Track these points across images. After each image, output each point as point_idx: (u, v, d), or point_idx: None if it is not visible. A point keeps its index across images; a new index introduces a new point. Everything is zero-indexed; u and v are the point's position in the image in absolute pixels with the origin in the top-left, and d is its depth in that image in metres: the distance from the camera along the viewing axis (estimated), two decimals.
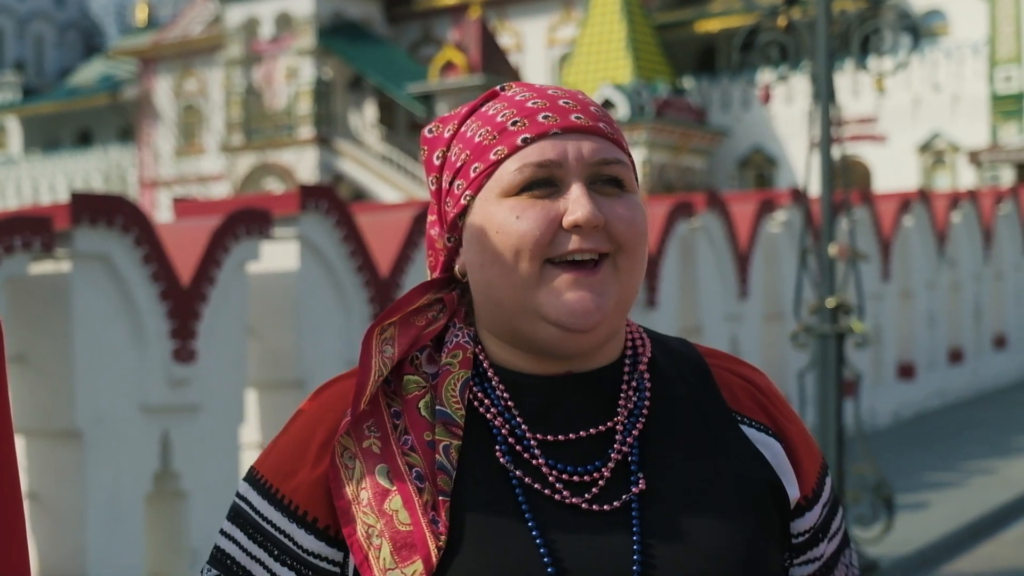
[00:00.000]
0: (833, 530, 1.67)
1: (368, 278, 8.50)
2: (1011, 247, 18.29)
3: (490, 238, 1.55)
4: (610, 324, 1.54)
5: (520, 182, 1.54)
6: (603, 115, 1.60)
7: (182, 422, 7.36)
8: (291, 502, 1.57)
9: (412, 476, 1.52)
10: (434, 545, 1.49)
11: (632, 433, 1.56)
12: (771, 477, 1.59)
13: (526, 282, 1.53)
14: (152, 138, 49.40)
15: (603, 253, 1.53)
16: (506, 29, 42.99)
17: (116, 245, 7.02)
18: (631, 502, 1.53)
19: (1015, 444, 12.99)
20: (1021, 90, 35.05)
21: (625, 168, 1.56)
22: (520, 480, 1.53)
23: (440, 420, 1.54)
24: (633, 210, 1.55)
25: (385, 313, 1.61)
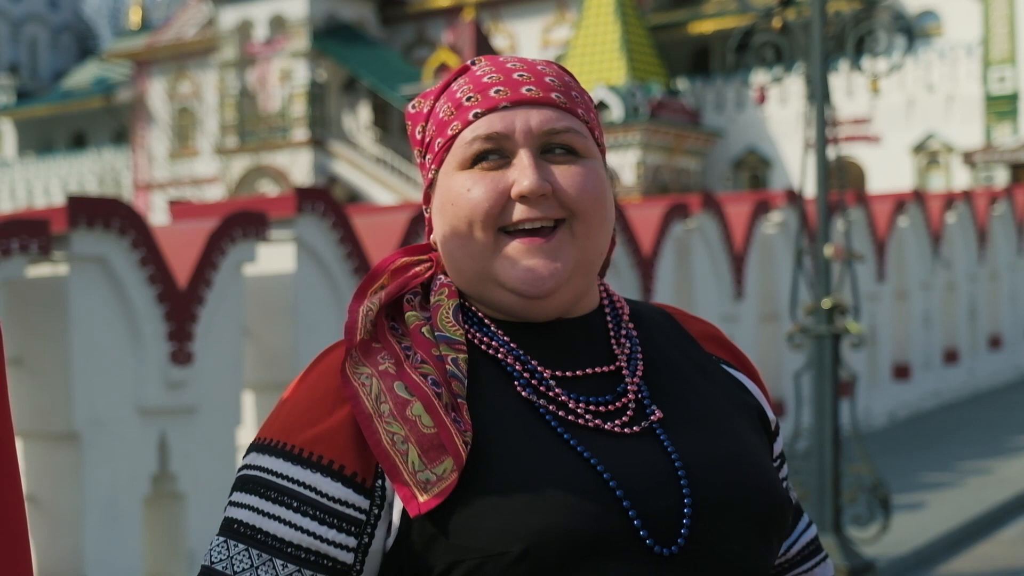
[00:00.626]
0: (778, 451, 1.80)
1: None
2: (1006, 247, 18.31)
3: (448, 210, 1.62)
4: (573, 287, 1.62)
5: (471, 155, 1.61)
6: (560, 85, 1.66)
7: (179, 424, 7.37)
8: (311, 453, 1.55)
9: (428, 383, 1.56)
10: (460, 441, 1.52)
11: (636, 372, 1.64)
12: (758, 404, 1.74)
13: (482, 252, 1.60)
14: (146, 140, 49.36)
15: (559, 219, 1.59)
16: (500, 31, 42.99)
17: (113, 248, 7.03)
18: (653, 428, 1.60)
19: (1011, 444, 13.01)
20: (1015, 91, 35.08)
21: (578, 136, 1.62)
22: (546, 408, 1.58)
23: (441, 340, 1.60)
24: (585, 175, 1.61)
25: (372, 273, 1.67)
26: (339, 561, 1.54)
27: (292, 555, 1.53)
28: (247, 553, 1.54)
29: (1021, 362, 18.42)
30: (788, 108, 35.83)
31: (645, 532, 1.51)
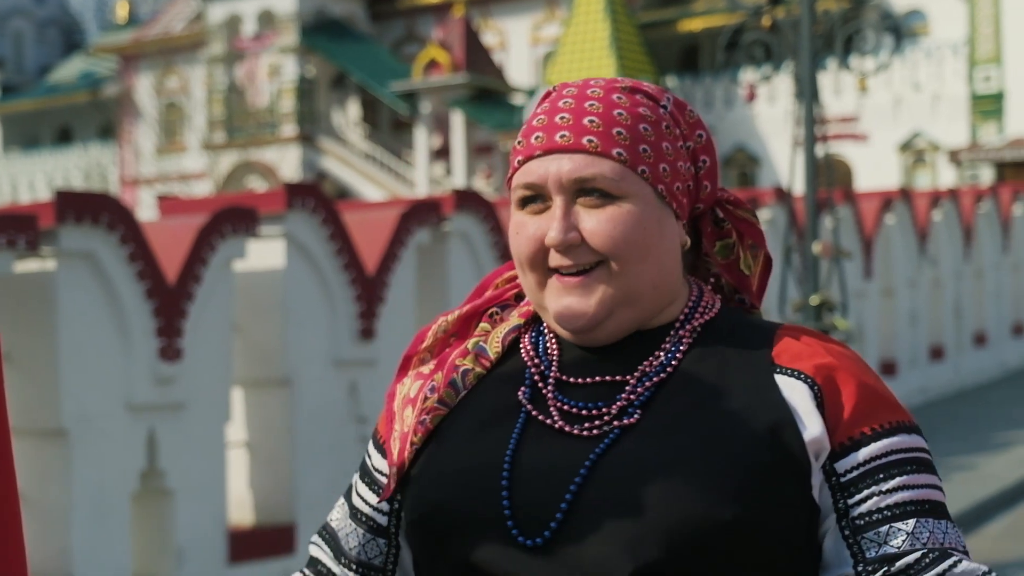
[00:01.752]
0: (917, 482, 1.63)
1: (354, 276, 8.51)
2: (991, 245, 18.36)
3: (511, 247, 1.75)
4: (618, 320, 1.70)
5: (517, 200, 1.73)
6: (599, 125, 1.69)
7: (168, 420, 7.37)
8: (377, 432, 1.84)
9: (427, 388, 1.76)
10: (408, 441, 1.73)
11: (646, 383, 1.68)
12: (779, 418, 1.63)
13: (534, 287, 1.72)
14: (133, 136, 49.26)
15: (595, 263, 1.67)
16: (490, 27, 42.98)
17: (101, 243, 7.02)
18: (610, 432, 1.65)
19: (995, 440, 13.05)
20: (1000, 90, 35.16)
21: (609, 180, 1.66)
22: (528, 411, 1.70)
23: (475, 352, 1.78)
24: (614, 220, 1.66)
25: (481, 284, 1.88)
26: (378, 523, 1.80)
27: (355, 515, 1.82)
28: (343, 507, 1.86)
29: (1006, 359, 18.48)
30: (776, 106, 35.87)
31: (512, 522, 1.61)
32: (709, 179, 1.76)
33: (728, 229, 1.81)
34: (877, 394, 1.67)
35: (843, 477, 1.63)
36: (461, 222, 9.46)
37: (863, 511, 1.63)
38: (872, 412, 1.65)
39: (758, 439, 1.62)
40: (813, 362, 1.66)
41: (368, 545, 1.80)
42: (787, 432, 1.62)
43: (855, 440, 1.63)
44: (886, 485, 1.62)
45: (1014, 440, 13.06)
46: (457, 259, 9.46)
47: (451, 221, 9.39)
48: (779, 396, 1.65)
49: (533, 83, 40.52)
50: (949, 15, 36.29)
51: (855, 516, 1.63)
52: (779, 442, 1.62)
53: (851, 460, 1.63)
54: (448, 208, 9.40)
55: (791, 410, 1.64)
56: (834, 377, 1.66)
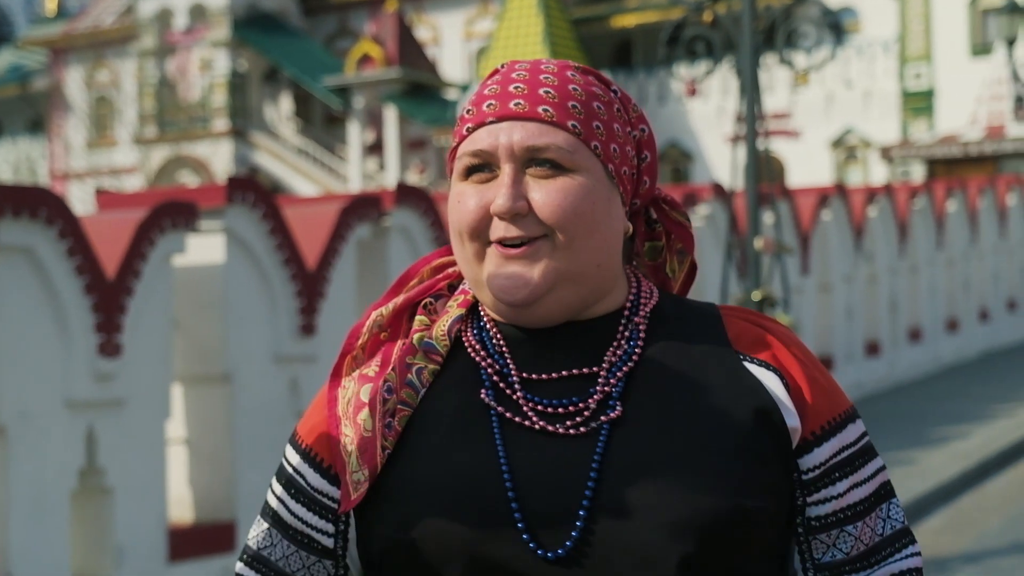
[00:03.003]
0: (863, 476, 1.68)
1: (295, 271, 8.44)
2: (925, 241, 18.50)
3: (449, 217, 1.69)
4: (559, 298, 1.64)
5: (462, 169, 1.67)
6: (555, 96, 1.65)
7: (107, 417, 7.27)
8: (308, 446, 1.72)
9: (383, 389, 1.66)
10: (379, 445, 1.63)
11: (617, 374, 1.64)
12: (763, 405, 1.64)
13: (472, 259, 1.65)
14: (63, 130, 48.80)
15: (539, 235, 1.62)
16: (423, 22, 42.90)
17: (40, 238, 6.92)
18: (600, 428, 1.60)
19: (931, 436, 13.15)
20: (931, 87, 35.52)
21: (562, 151, 1.62)
22: (498, 413, 1.62)
23: (423, 349, 1.69)
24: (564, 191, 1.62)
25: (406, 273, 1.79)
26: (323, 545, 1.70)
27: (292, 536, 1.71)
28: (269, 532, 1.74)
29: (940, 354, 18.63)
30: (709, 102, 36.05)
31: (528, 535, 1.54)
32: (649, 175, 1.75)
33: (659, 231, 1.80)
34: (825, 384, 1.69)
35: (805, 475, 1.65)
36: (401, 217, 9.41)
37: (819, 513, 1.66)
38: (825, 405, 1.67)
39: (750, 424, 1.62)
40: (769, 352, 1.68)
41: (314, 568, 1.70)
42: (775, 417, 1.64)
43: (816, 436, 1.65)
44: (839, 487, 1.66)
45: (951, 435, 13.17)
46: (397, 254, 9.41)
47: (391, 216, 9.34)
48: (756, 382, 1.65)
49: (466, 78, 40.49)
50: (880, 12, 36.61)
51: (811, 517, 1.66)
52: (771, 425, 1.63)
53: (813, 459, 1.66)
54: (388, 203, 9.35)
55: (772, 396, 1.64)
56: (791, 368, 1.68)
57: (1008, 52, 30.40)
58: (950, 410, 14.87)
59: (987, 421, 13.97)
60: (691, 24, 9.09)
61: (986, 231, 20.44)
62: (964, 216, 19.63)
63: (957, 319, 19.33)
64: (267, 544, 1.73)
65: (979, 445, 12.60)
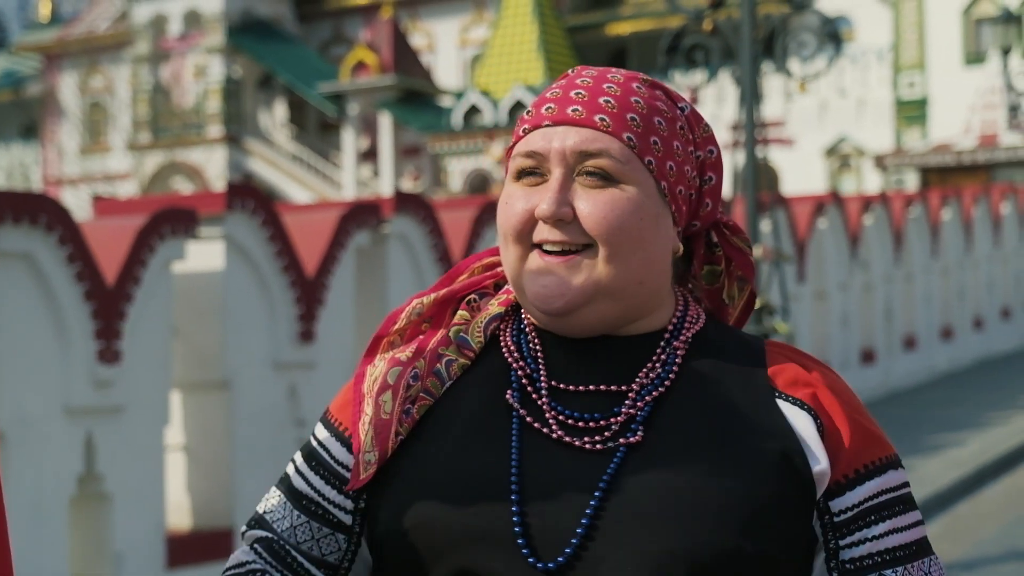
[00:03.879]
0: (903, 523, 1.63)
1: (294, 278, 8.44)
2: (920, 250, 18.53)
3: (498, 218, 1.68)
4: (597, 310, 1.62)
5: (515, 170, 1.66)
6: (615, 106, 1.64)
7: (106, 424, 7.27)
8: (335, 420, 1.73)
9: (409, 375, 1.67)
10: (393, 431, 1.63)
11: (645, 397, 1.61)
12: (789, 446, 1.60)
13: (515, 261, 1.64)
14: (56, 135, 48.72)
15: (583, 244, 1.60)
16: (418, 29, 42.90)
17: (40, 244, 6.91)
18: (617, 449, 1.58)
19: (927, 443, 13.16)
20: (924, 96, 35.55)
21: (613, 161, 1.60)
22: (520, 416, 1.62)
23: (457, 343, 1.69)
24: (611, 204, 1.60)
25: (458, 266, 1.79)
26: (339, 519, 1.69)
27: (305, 508, 1.70)
28: (281, 501, 1.72)
29: (935, 363, 18.65)
30: (703, 111, 36.02)
31: (523, 541, 1.53)
32: (712, 197, 1.72)
33: (719, 255, 1.77)
34: (867, 428, 1.65)
35: (836, 517, 1.61)
36: (400, 224, 9.41)
37: (853, 556, 1.61)
38: (864, 449, 1.63)
39: (771, 467, 1.58)
40: (809, 391, 1.64)
41: (324, 541, 1.69)
42: (797, 462, 1.60)
43: (849, 479, 1.61)
44: (876, 529, 1.61)
45: (946, 443, 13.18)
46: (396, 262, 9.41)
47: (390, 223, 9.34)
48: (786, 423, 1.62)
49: (461, 85, 40.48)
50: (874, 21, 36.65)
51: (845, 560, 1.61)
52: (792, 471, 1.59)
53: (845, 500, 1.61)
54: (387, 210, 9.35)
55: (798, 439, 1.61)
56: (831, 409, 1.64)
57: (1002, 61, 30.46)
58: (945, 418, 14.89)
59: (982, 429, 13.99)
60: (691, 32, 9.11)
61: (980, 240, 20.48)
62: (959, 225, 19.67)
63: (952, 327, 19.36)
64: (278, 514, 1.72)
65: (975, 453, 12.62)
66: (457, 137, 36.43)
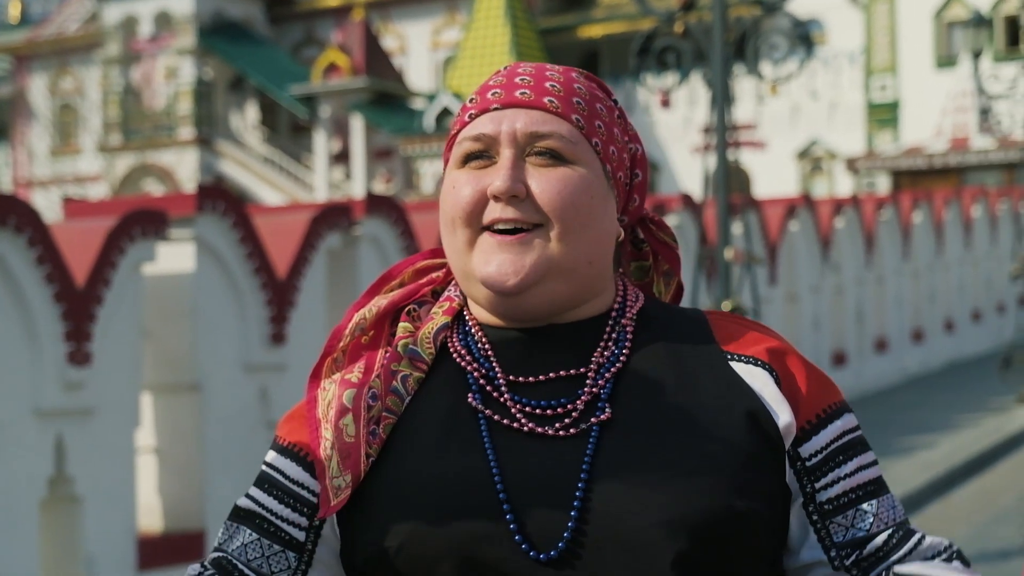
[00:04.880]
0: (867, 461, 1.67)
1: (265, 280, 8.42)
2: (891, 252, 18.59)
3: (441, 206, 1.68)
4: (548, 291, 1.63)
5: (461, 155, 1.66)
6: (561, 91, 1.67)
7: (77, 426, 7.24)
8: (287, 442, 1.71)
9: (367, 396, 1.65)
10: (363, 452, 1.62)
11: (605, 375, 1.63)
12: (752, 405, 1.62)
13: (463, 247, 1.64)
14: (26, 137, 48.52)
15: (534, 224, 1.61)
16: (390, 31, 42.87)
17: (9, 246, 6.88)
18: (591, 429, 1.59)
19: (897, 445, 13.20)
20: (896, 99, 35.70)
21: (564, 141, 1.63)
22: (487, 416, 1.62)
23: (408, 356, 1.68)
24: (564, 181, 1.62)
25: (387, 272, 1.76)
26: (291, 536, 1.67)
27: (257, 526, 1.69)
28: (228, 526, 1.72)
29: (906, 365, 18.72)
30: (675, 113, 36.12)
31: (520, 536, 1.54)
32: (640, 194, 1.75)
33: (646, 251, 1.80)
34: (819, 375, 1.68)
35: (808, 462, 1.64)
36: (372, 226, 9.40)
37: (830, 496, 1.64)
38: (821, 394, 1.67)
39: (741, 428, 1.61)
40: (761, 347, 1.67)
41: (274, 558, 1.68)
42: (763, 419, 1.62)
43: (813, 424, 1.64)
44: (846, 468, 1.64)
45: (917, 445, 13.23)
46: (368, 263, 9.39)
47: (362, 225, 9.33)
48: (744, 384, 1.64)
49: (433, 87, 40.46)
50: (846, 25, 36.78)
51: (823, 501, 1.64)
52: (759, 429, 1.62)
53: (814, 444, 1.64)
54: (359, 212, 9.34)
55: (759, 397, 1.63)
56: (784, 361, 1.67)
57: (973, 64, 30.60)
58: (916, 420, 14.93)
59: (953, 431, 14.04)
60: (662, 35, 9.12)
61: (951, 242, 20.56)
62: (930, 227, 19.75)
63: (923, 330, 19.43)
64: (228, 535, 1.71)
65: (945, 455, 12.66)
66: (429, 139, 36.40)
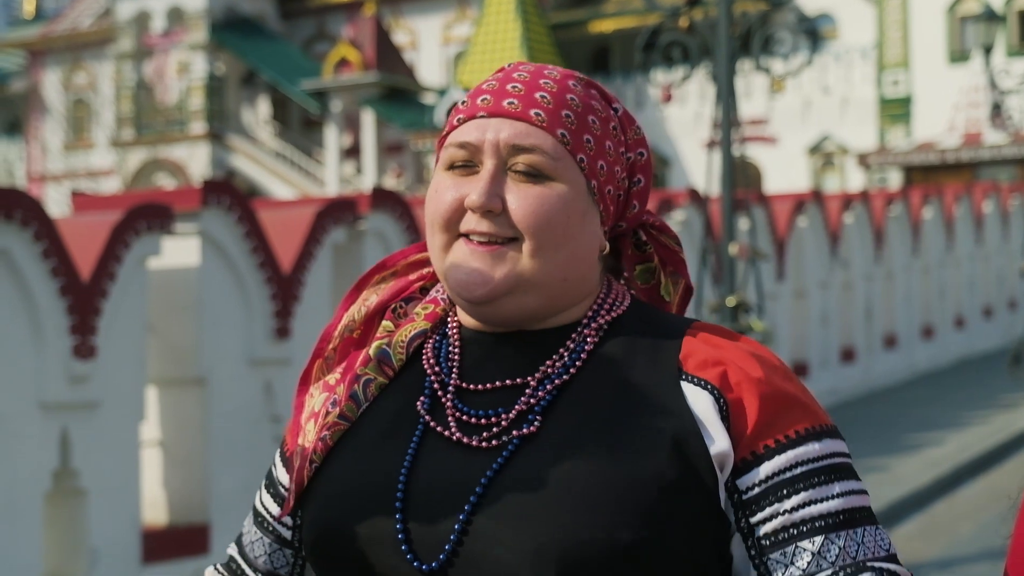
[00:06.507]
0: (824, 494, 1.56)
1: (270, 274, 8.43)
2: (901, 248, 18.56)
3: (425, 207, 1.68)
4: (518, 302, 1.62)
5: (446, 160, 1.66)
6: (551, 102, 1.64)
7: (81, 419, 7.26)
8: (284, 442, 1.79)
9: (328, 403, 1.70)
10: (308, 459, 1.67)
11: (547, 387, 1.61)
12: (684, 429, 1.55)
13: (439, 250, 1.65)
14: (40, 132, 48.62)
15: (508, 238, 1.61)
16: (401, 27, 42.89)
17: (15, 240, 6.90)
18: (510, 442, 1.58)
19: (906, 442, 13.19)
20: (908, 94, 35.61)
21: (545, 157, 1.61)
22: (425, 422, 1.63)
23: (378, 358, 1.70)
24: (540, 199, 1.61)
25: (380, 263, 1.78)
26: (281, 534, 1.78)
27: (260, 523, 1.81)
28: (249, 517, 1.86)
29: (915, 361, 18.69)
30: (686, 108, 36.10)
31: (406, 547, 1.55)
32: (639, 199, 1.73)
33: (650, 253, 1.78)
34: (784, 401, 1.59)
35: (744, 495, 1.56)
36: (377, 221, 9.41)
37: (768, 531, 1.56)
38: (777, 422, 1.57)
39: (663, 452, 1.54)
40: (719, 369, 1.59)
41: (275, 555, 1.79)
42: (692, 444, 1.55)
43: (757, 455, 1.56)
44: (789, 502, 1.55)
45: (925, 442, 13.22)
46: (373, 258, 9.40)
47: (367, 220, 9.34)
48: (684, 405, 1.57)
49: (444, 83, 40.46)
50: (858, 19, 36.71)
51: (760, 536, 1.56)
52: (684, 456, 1.55)
53: (752, 477, 1.56)
54: (364, 207, 9.35)
55: (696, 420, 1.56)
56: (739, 387, 1.58)
57: (985, 59, 30.53)
58: (924, 417, 14.92)
59: (961, 428, 14.03)
60: (667, 30, 9.12)
61: (962, 238, 20.51)
62: (940, 223, 19.70)
63: (933, 326, 19.40)
64: (245, 528, 1.84)
65: (953, 452, 12.65)
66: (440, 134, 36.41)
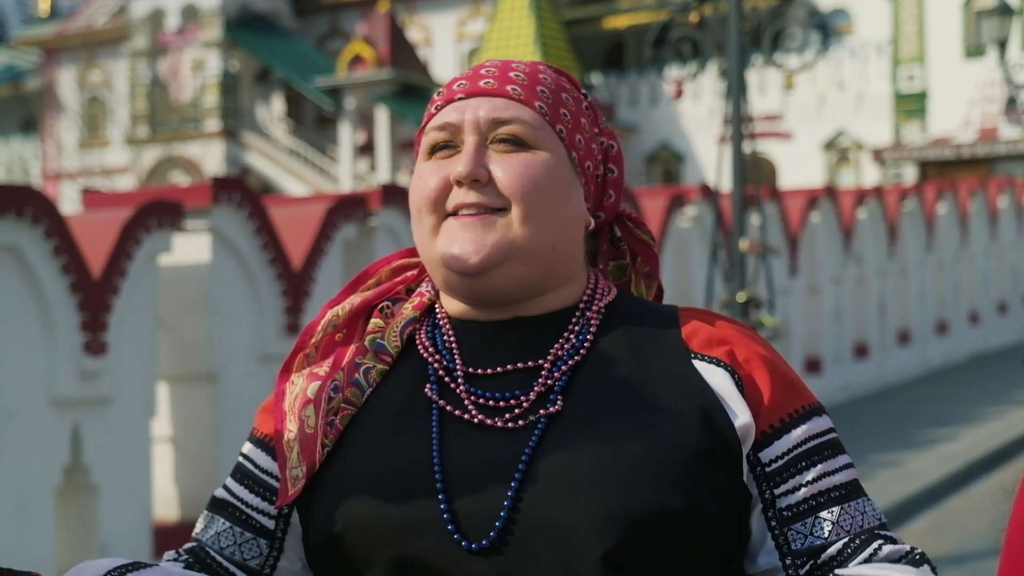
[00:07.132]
0: (834, 466, 1.65)
1: (281, 271, 8.45)
2: (915, 244, 18.52)
3: (409, 198, 1.71)
4: (511, 273, 1.64)
5: (428, 145, 1.70)
6: (526, 80, 1.69)
7: (93, 415, 7.28)
8: (260, 433, 1.76)
9: (330, 388, 1.69)
10: (319, 443, 1.65)
11: (561, 368, 1.64)
12: (708, 403, 1.61)
13: (429, 234, 1.66)
14: (55, 130, 48.69)
15: (498, 207, 1.64)
16: (414, 23, 42.89)
17: (26, 236, 6.92)
18: (538, 421, 1.60)
19: (919, 438, 13.17)
20: (923, 89, 35.51)
21: (526, 126, 1.65)
22: (440, 407, 1.64)
23: (374, 350, 1.71)
24: (525, 165, 1.64)
25: (364, 271, 1.79)
26: (262, 524, 1.73)
27: (231, 515, 1.74)
28: (205, 516, 1.77)
29: (929, 357, 18.65)
30: (701, 104, 36.05)
31: (453, 527, 1.55)
32: (615, 189, 1.75)
33: (624, 250, 1.80)
34: (787, 379, 1.67)
35: (768, 467, 1.63)
36: (387, 217, 9.42)
37: (790, 503, 1.62)
38: (787, 398, 1.65)
39: (692, 425, 1.59)
40: (725, 348, 1.66)
41: (246, 545, 1.73)
42: (717, 417, 1.61)
43: (776, 428, 1.63)
44: (809, 474, 1.62)
45: (938, 438, 13.19)
46: (383, 254, 9.39)
47: (377, 216, 9.36)
48: (702, 381, 1.63)
49: None
50: (873, 14, 36.60)
51: (782, 507, 1.63)
52: (712, 428, 1.60)
53: (775, 449, 1.63)
54: (374, 203, 9.37)
55: (717, 396, 1.62)
56: (749, 364, 1.65)
57: (1000, 54, 30.45)
58: (938, 413, 14.89)
59: (975, 424, 13.99)
60: (678, 25, 9.11)
61: (977, 233, 20.45)
62: (954, 218, 19.65)
63: (947, 322, 19.36)
64: (203, 525, 1.76)
65: (966, 448, 12.62)
66: None
